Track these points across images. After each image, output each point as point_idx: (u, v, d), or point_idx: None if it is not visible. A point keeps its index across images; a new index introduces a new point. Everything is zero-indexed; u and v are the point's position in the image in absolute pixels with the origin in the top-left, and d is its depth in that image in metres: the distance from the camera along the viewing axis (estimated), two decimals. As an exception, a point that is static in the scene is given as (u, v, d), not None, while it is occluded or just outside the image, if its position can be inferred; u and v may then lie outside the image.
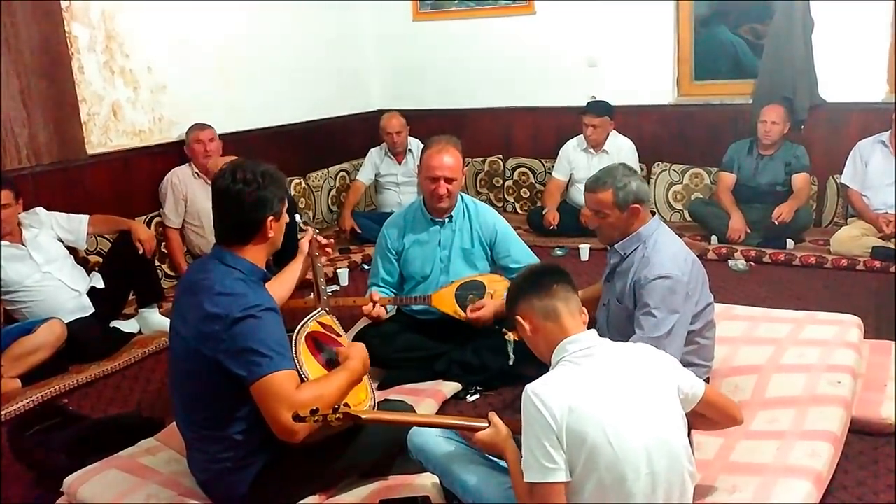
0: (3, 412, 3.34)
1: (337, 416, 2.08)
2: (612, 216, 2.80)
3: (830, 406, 2.74)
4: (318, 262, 2.98)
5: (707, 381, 2.90)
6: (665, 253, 2.73)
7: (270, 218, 2.35)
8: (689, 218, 5.67)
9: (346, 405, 2.21)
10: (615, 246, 2.85)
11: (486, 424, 2.18)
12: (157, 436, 2.87)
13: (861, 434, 2.84)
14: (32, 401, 3.43)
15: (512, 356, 3.22)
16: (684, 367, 2.15)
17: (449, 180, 3.41)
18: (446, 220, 3.54)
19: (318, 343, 2.59)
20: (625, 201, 2.76)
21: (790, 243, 5.13)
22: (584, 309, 2.13)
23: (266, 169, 2.36)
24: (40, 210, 4.07)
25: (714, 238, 5.30)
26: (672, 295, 2.66)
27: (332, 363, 2.48)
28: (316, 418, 2.05)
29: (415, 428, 2.46)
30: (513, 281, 2.24)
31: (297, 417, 2.06)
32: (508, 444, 2.13)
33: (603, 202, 2.78)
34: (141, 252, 4.08)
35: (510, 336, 3.16)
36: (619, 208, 2.77)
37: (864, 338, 3.37)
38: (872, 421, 2.88)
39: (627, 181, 2.75)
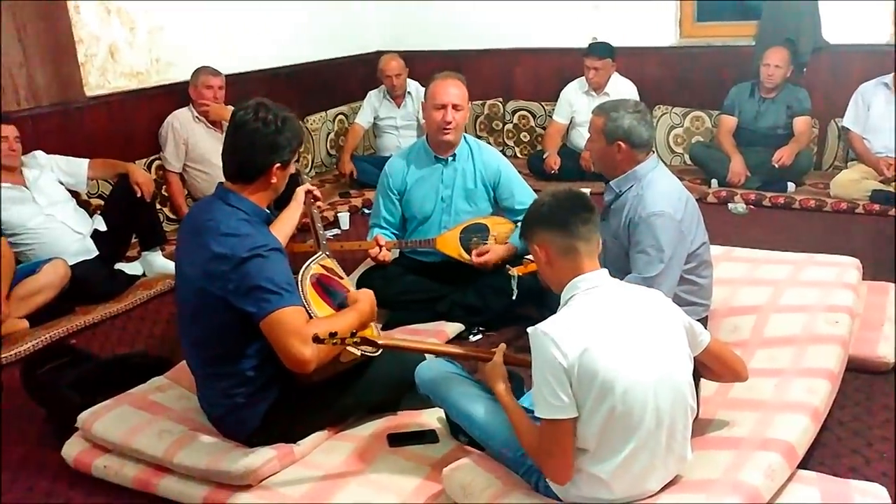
0: (12, 352, 3.38)
1: (354, 339, 2.15)
2: (597, 143, 2.81)
3: (828, 345, 2.78)
4: (313, 207, 2.99)
5: (705, 320, 2.94)
6: (658, 191, 2.73)
7: (277, 165, 2.35)
8: (689, 161, 5.67)
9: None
10: (610, 183, 2.85)
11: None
12: (167, 374, 2.92)
13: (857, 372, 2.91)
14: (41, 341, 3.47)
15: (515, 291, 3.22)
16: (682, 306, 2.17)
17: (456, 107, 3.40)
18: (449, 158, 3.53)
19: (322, 285, 2.63)
20: (611, 134, 2.73)
21: (791, 186, 5.15)
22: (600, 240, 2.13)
23: (288, 116, 2.36)
24: (39, 153, 4.05)
25: (714, 181, 5.30)
26: (665, 232, 2.67)
27: (342, 307, 2.52)
28: (334, 341, 2.11)
29: (423, 363, 2.52)
30: (536, 205, 2.15)
31: (316, 339, 2.10)
32: (500, 385, 2.19)
33: (594, 125, 2.80)
34: (139, 195, 4.08)
35: (514, 271, 3.17)
36: (605, 138, 2.76)
37: (863, 279, 3.41)
38: (869, 359, 2.95)
39: (622, 116, 2.72)
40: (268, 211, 2.43)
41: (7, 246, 3.61)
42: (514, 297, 3.26)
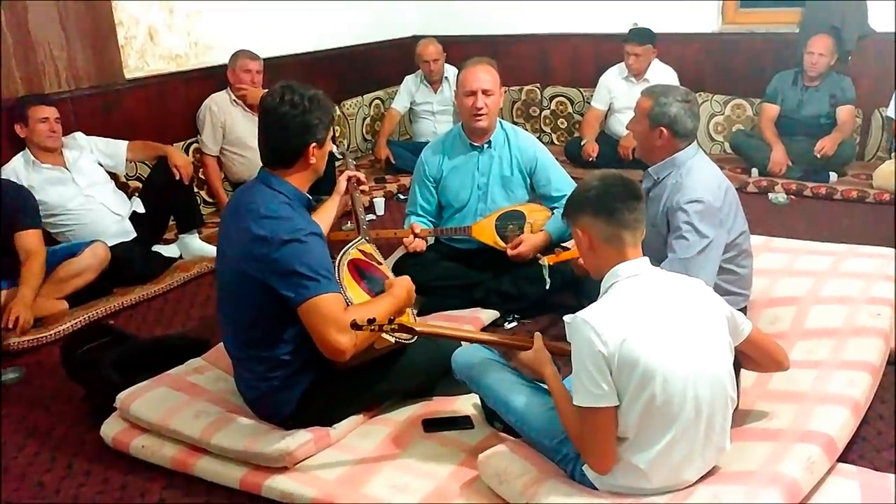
0: (51, 331, 3.41)
1: (392, 326, 2.15)
2: (639, 125, 2.79)
3: (870, 337, 2.73)
4: (356, 192, 2.99)
5: (745, 310, 2.90)
6: (698, 178, 2.71)
7: (313, 145, 2.34)
8: (729, 150, 5.60)
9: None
10: (649, 170, 2.84)
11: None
12: (204, 356, 2.94)
13: (900, 366, 2.85)
14: (80, 321, 3.51)
15: (548, 280, 3.19)
16: (721, 296, 2.15)
17: (487, 93, 3.37)
18: (485, 145, 3.51)
19: (359, 270, 2.63)
20: (656, 118, 2.72)
21: (833, 177, 5.06)
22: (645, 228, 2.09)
23: (315, 94, 2.34)
24: (79, 135, 4.11)
25: (755, 171, 5.23)
26: (703, 219, 2.65)
27: (378, 293, 2.52)
28: (373, 327, 2.11)
29: (459, 348, 2.51)
30: (583, 188, 2.09)
31: (354, 325, 2.10)
32: (548, 369, 2.18)
33: (640, 106, 2.78)
34: (178, 178, 4.12)
35: (545, 260, 3.14)
36: (649, 122, 2.73)
37: (906, 272, 3.34)
38: (912, 354, 2.89)
39: (670, 103, 2.69)
40: (309, 196, 2.43)
41: (42, 247, 3.57)
42: (547, 287, 3.22)
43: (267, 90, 2.38)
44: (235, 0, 5.23)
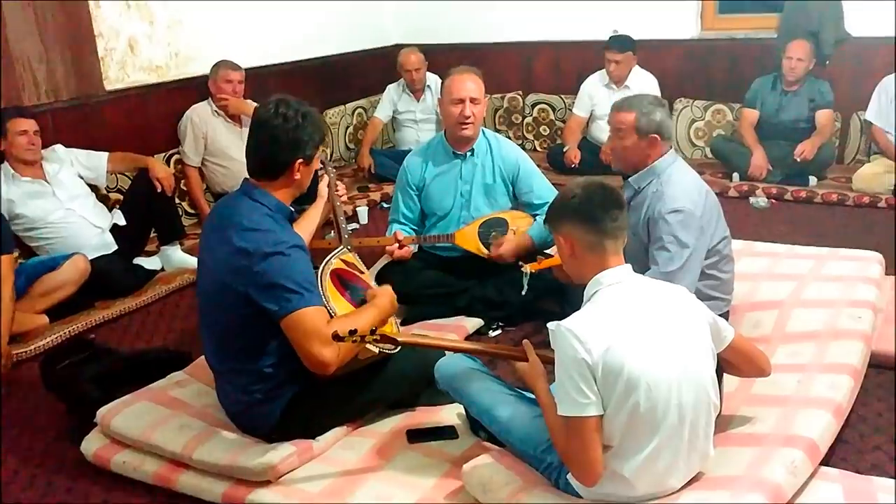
0: (31, 346, 3.38)
1: (375, 337, 2.13)
2: (629, 140, 2.78)
3: (851, 340, 2.75)
4: (337, 201, 2.98)
5: (727, 315, 2.91)
6: (678, 186, 2.72)
7: (300, 161, 2.34)
8: (710, 155, 5.64)
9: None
10: (629, 180, 2.84)
11: (522, 355, 2.22)
12: (186, 369, 2.91)
13: (880, 368, 2.87)
14: (60, 336, 3.48)
15: (525, 287, 3.16)
16: (703, 301, 2.15)
17: (474, 101, 3.38)
18: (468, 153, 3.52)
19: (342, 280, 2.62)
20: (646, 128, 2.73)
21: (812, 180, 5.10)
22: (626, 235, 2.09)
23: (309, 111, 2.34)
24: (59, 147, 4.07)
25: (735, 175, 5.26)
26: (685, 228, 2.66)
27: (361, 304, 2.51)
28: (354, 339, 2.10)
29: (443, 358, 2.50)
30: (566, 196, 2.08)
31: (336, 337, 2.09)
32: (541, 384, 2.16)
33: (624, 122, 2.76)
34: (160, 190, 4.10)
35: (527, 268, 3.15)
36: (639, 134, 2.74)
37: (886, 274, 3.36)
38: (892, 355, 2.90)
39: (653, 110, 2.72)
40: (291, 209, 2.43)
41: (11, 273, 3.35)
42: (523, 293, 3.21)
43: (263, 102, 2.37)
44: (216, 11, 5.22)
